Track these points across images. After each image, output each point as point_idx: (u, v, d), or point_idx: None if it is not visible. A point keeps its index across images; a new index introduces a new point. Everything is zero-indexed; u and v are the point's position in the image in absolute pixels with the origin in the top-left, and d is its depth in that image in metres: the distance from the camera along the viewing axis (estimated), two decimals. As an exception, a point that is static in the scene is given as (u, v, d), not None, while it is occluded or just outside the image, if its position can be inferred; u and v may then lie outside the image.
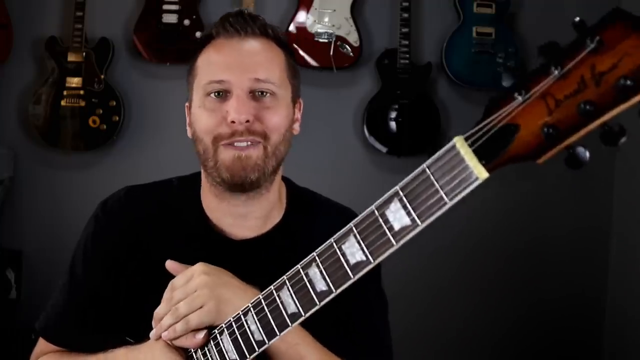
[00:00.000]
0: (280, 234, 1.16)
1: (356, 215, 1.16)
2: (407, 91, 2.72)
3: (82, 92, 2.66)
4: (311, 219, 1.17)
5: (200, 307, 0.96)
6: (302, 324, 0.89)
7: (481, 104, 0.70)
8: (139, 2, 2.72)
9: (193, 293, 0.96)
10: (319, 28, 2.70)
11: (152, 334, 1.00)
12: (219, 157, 1.07)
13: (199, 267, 1.00)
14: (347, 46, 2.70)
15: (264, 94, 1.08)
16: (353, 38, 2.70)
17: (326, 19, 2.70)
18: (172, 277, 1.06)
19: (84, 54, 2.66)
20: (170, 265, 1.03)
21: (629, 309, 2.71)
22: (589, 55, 0.63)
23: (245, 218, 1.13)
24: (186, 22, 2.67)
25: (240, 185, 1.07)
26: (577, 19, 0.64)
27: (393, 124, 2.72)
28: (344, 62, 2.71)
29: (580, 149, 0.65)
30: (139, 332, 1.05)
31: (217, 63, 1.09)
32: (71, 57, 2.66)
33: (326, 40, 2.69)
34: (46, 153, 2.74)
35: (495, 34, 2.71)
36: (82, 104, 2.66)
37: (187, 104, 1.17)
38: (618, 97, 0.61)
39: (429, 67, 2.75)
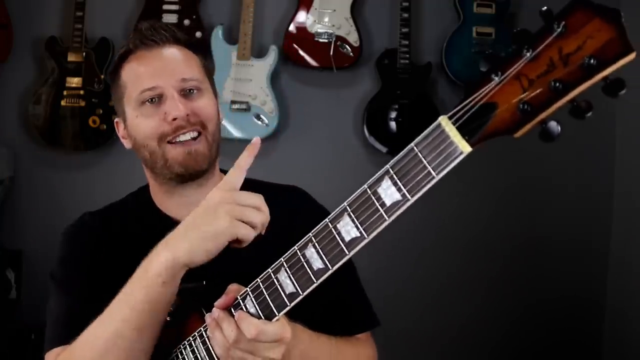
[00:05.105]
0: None
1: (304, 192, 1.27)
2: (407, 91, 2.72)
3: (82, 92, 2.66)
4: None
5: None
6: (296, 315, 0.92)
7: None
8: (139, 2, 2.72)
9: None
10: (319, 28, 2.70)
11: None
12: (168, 155, 1.17)
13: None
14: (347, 46, 2.70)
15: (192, 91, 1.19)
16: (353, 38, 2.70)
17: (326, 19, 2.70)
18: None
19: (84, 54, 2.66)
20: None
21: (629, 309, 2.71)
22: (557, 39, 0.69)
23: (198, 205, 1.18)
24: (186, 22, 2.67)
25: (194, 175, 1.18)
26: (544, 8, 0.70)
27: (393, 124, 2.72)
28: (344, 62, 2.70)
29: (553, 123, 0.71)
30: None
31: (144, 73, 1.18)
32: (71, 57, 2.66)
33: (326, 40, 2.69)
34: (46, 153, 2.74)
35: (495, 34, 2.71)
36: (82, 104, 2.66)
37: (116, 120, 1.26)
38: (584, 75, 0.68)
39: (429, 67, 2.75)
